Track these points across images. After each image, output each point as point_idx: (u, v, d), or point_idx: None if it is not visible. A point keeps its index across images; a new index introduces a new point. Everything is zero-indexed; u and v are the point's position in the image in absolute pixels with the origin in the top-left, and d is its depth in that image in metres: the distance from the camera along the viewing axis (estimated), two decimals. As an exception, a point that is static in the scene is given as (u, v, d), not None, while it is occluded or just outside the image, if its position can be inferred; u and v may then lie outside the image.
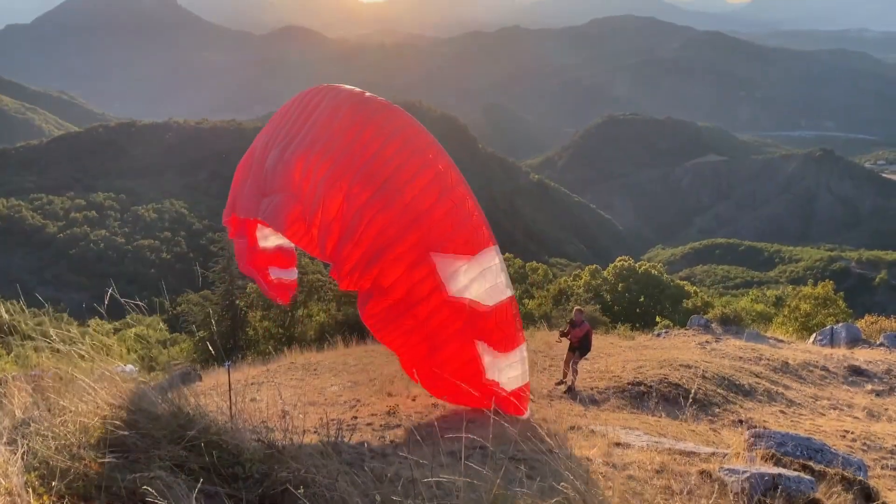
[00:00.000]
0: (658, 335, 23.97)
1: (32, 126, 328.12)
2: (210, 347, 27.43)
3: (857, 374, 18.60)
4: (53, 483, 4.30)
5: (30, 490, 4.19)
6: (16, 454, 4.37)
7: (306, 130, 9.01)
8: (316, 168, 8.51)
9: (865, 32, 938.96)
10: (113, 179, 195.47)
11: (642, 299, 42.30)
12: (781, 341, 23.45)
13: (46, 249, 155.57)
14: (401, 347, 9.17)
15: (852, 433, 12.63)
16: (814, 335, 24.60)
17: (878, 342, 22.75)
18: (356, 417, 11.20)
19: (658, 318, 35.07)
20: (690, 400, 13.52)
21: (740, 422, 13.27)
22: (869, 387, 17.54)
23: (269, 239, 11.39)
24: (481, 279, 8.38)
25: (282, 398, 11.79)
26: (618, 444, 8.44)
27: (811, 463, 7.27)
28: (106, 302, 6.69)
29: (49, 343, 5.91)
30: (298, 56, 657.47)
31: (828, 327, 24.69)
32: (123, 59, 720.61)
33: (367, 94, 9.52)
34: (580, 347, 14.77)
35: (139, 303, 7.13)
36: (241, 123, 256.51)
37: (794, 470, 6.75)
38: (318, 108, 9.28)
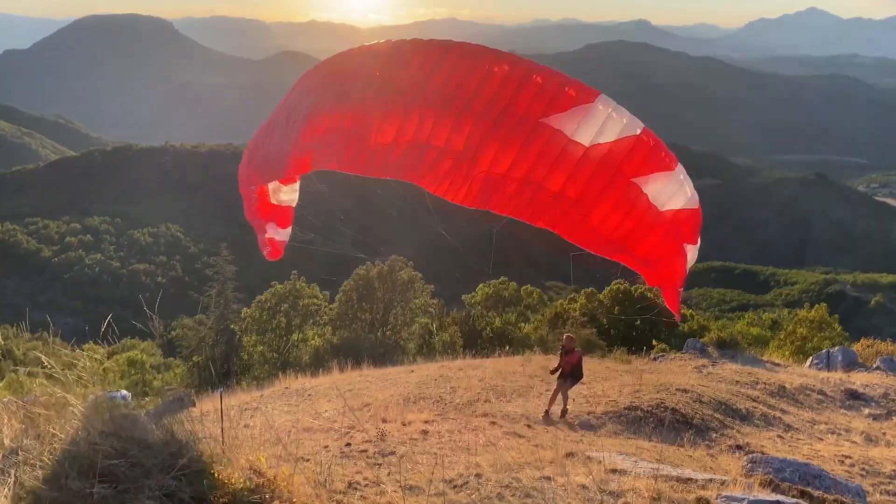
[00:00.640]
0: (655, 359, 23.90)
1: (29, 151, 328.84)
2: (204, 372, 27.29)
3: (854, 398, 18.54)
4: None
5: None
6: (4, 486, 4.31)
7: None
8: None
9: (857, 58, 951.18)
10: (109, 203, 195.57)
11: (638, 323, 42.23)
12: (778, 365, 23.39)
13: (41, 274, 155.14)
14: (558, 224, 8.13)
15: (850, 458, 12.55)
16: (810, 359, 24.56)
17: (874, 366, 22.70)
18: (350, 444, 11.09)
19: (654, 342, 35.00)
20: (688, 425, 13.45)
21: (738, 447, 13.18)
22: (866, 411, 17.47)
23: (282, 192, 10.98)
24: (609, 124, 7.45)
25: (275, 425, 11.68)
26: (614, 471, 8.36)
27: (809, 489, 7.22)
28: (106, 325, 6.65)
29: (42, 368, 5.85)
30: (295, 81, 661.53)
31: (824, 351, 24.65)
32: (121, 84, 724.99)
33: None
34: (572, 375, 14.54)
35: (146, 323, 7.03)
36: (238, 147, 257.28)
37: (793, 496, 6.70)
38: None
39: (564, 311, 43.10)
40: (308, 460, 8.23)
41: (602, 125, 7.35)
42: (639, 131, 7.51)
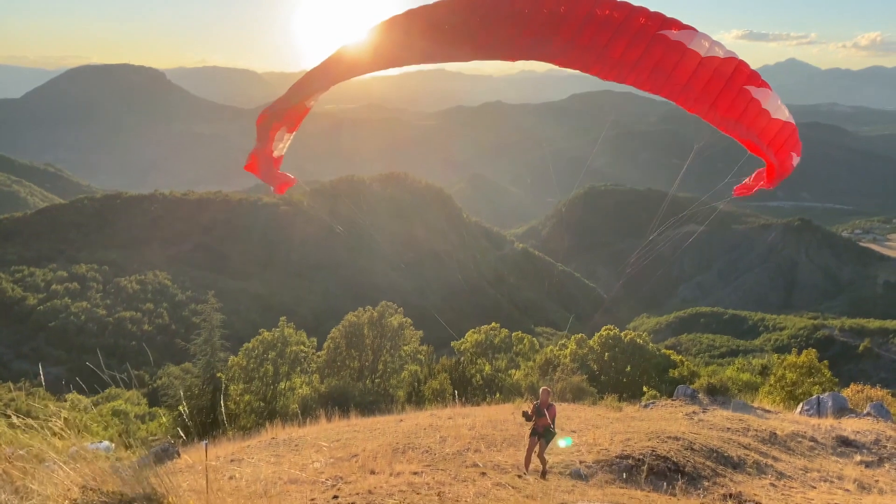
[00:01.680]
0: (645, 406, 23.76)
1: (18, 199, 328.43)
2: (189, 422, 26.81)
3: (845, 444, 18.44)
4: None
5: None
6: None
7: None
8: None
9: (836, 107, 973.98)
10: (97, 251, 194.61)
11: (629, 369, 42.11)
12: (769, 411, 23.30)
13: (25, 322, 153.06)
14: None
15: (844, 506, 12.43)
16: (801, 405, 24.48)
17: (864, 411, 22.65)
18: (337, 497, 10.88)
19: (645, 389, 34.85)
20: (679, 473, 13.30)
21: (730, 496, 13.03)
22: (858, 458, 17.36)
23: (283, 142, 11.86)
24: (715, 46, 9.36)
25: (262, 476, 11.46)
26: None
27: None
28: (90, 374, 6.57)
29: (23, 419, 5.75)
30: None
31: (814, 397, 24.59)
32: (112, 133, 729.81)
33: None
34: (545, 434, 13.49)
35: (125, 375, 6.96)
36: (227, 194, 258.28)
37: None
38: None
39: (555, 357, 42.93)
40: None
41: (710, 45, 9.30)
42: (740, 57, 9.39)
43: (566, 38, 9.18)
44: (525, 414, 13.82)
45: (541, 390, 14.27)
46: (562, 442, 14.98)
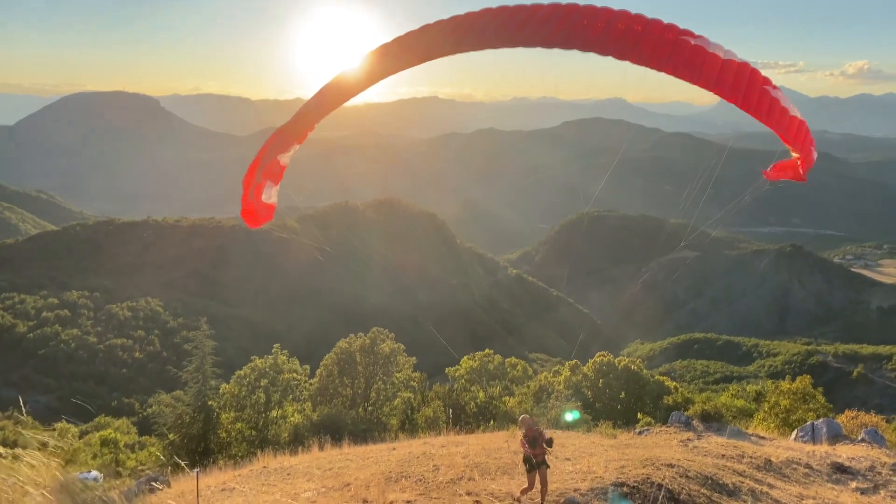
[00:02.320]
0: (640, 433, 23.63)
1: (9, 225, 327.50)
2: (180, 451, 26.50)
3: (840, 471, 18.35)
4: None
5: None
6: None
7: None
8: None
9: (826, 134, 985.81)
10: (88, 277, 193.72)
11: (623, 395, 41.92)
12: (763, 438, 23.20)
13: (15, 350, 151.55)
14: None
15: (840, 534, 12.33)
16: (795, 431, 24.38)
17: (859, 438, 22.58)
18: (330, 525, 10.75)
19: (640, 415, 34.67)
20: (674, 501, 13.19)
21: (726, 524, 12.92)
22: (853, 484, 17.27)
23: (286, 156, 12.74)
24: (731, 51, 10.35)
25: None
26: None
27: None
28: (78, 403, 6.51)
29: (10, 450, 5.67)
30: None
31: (809, 423, 24.50)
32: (106, 159, 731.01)
33: None
34: (543, 463, 13.14)
35: (121, 400, 6.90)
36: (220, 221, 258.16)
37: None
38: None
39: (549, 384, 42.76)
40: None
41: (726, 50, 10.24)
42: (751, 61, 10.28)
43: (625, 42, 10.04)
44: (528, 460, 13.13)
45: (520, 419, 13.64)
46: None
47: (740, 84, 10.38)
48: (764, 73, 10.54)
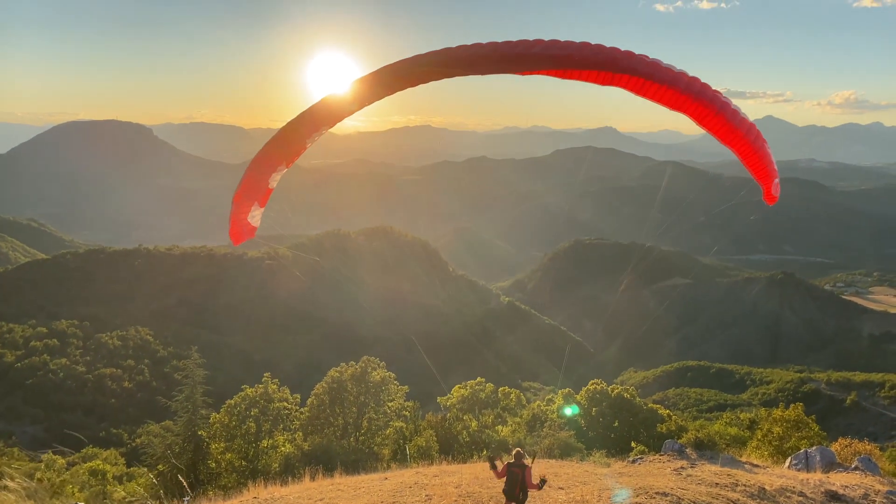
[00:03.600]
0: (633, 461, 23.50)
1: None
2: (169, 482, 26.15)
3: (834, 499, 18.28)
4: None
5: None
6: None
7: None
8: None
9: (814, 163, 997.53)
10: (78, 306, 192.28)
11: (616, 424, 41.69)
12: (757, 466, 23.10)
13: (2, 379, 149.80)
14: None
15: (835, 563, 12.25)
16: (789, 459, 24.30)
17: (853, 466, 22.52)
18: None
19: (633, 444, 34.46)
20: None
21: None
22: (848, 513, 17.19)
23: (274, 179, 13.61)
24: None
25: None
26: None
27: None
28: (65, 434, 6.46)
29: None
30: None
31: (802, 451, 24.44)
32: (98, 188, 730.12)
33: None
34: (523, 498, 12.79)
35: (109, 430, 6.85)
36: (212, 249, 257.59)
37: None
38: None
39: (542, 412, 42.53)
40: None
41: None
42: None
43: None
44: (494, 469, 12.82)
45: (515, 452, 13.29)
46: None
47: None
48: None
